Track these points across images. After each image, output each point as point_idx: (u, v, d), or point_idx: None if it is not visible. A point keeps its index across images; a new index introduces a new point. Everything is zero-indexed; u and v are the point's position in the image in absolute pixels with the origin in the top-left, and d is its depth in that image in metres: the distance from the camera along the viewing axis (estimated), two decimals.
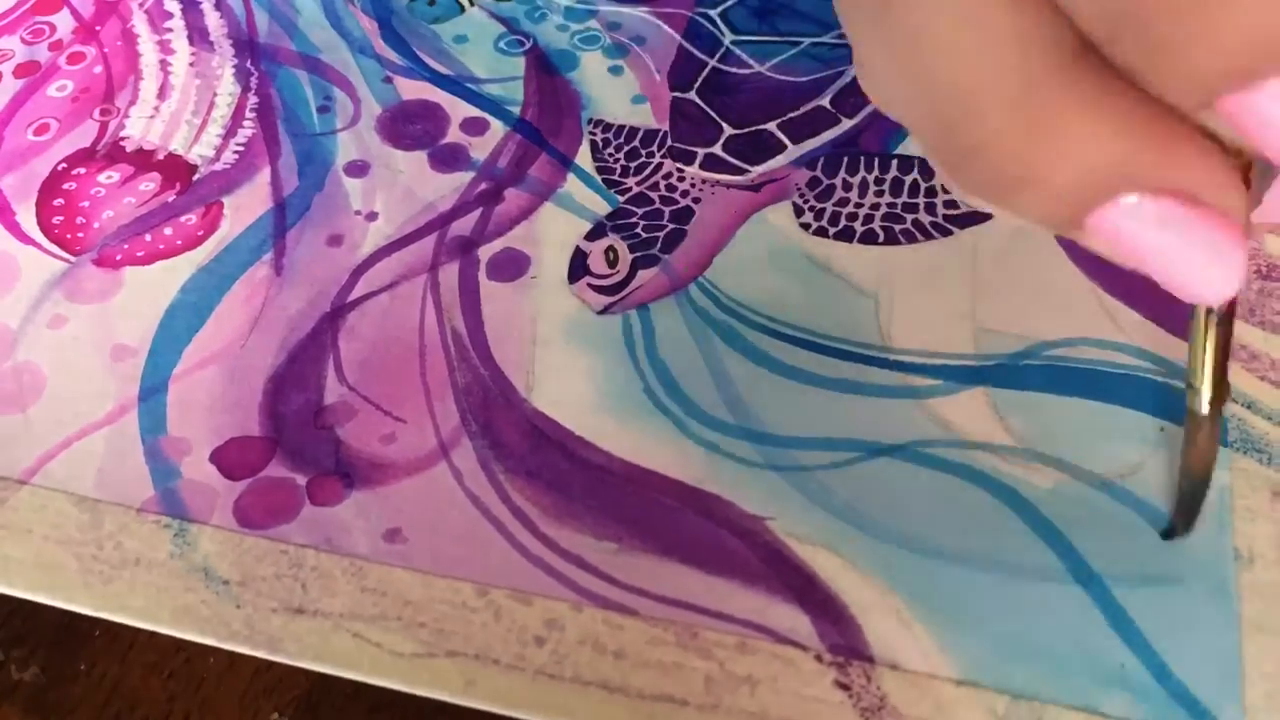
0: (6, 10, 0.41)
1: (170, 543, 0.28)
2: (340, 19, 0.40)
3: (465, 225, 0.34)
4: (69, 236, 0.34)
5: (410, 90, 0.38)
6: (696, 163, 0.35)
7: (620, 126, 0.36)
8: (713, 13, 0.40)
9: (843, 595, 0.26)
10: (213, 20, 0.40)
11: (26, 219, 0.34)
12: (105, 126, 0.37)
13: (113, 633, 0.27)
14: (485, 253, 0.33)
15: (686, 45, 0.39)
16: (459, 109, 0.37)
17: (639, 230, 0.33)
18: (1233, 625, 0.25)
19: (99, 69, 0.39)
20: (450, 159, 0.36)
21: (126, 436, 0.29)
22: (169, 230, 0.34)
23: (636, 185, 0.35)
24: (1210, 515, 0.27)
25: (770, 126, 0.36)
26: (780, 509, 0.28)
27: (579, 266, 0.33)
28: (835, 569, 0.27)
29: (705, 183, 0.35)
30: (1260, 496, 0.27)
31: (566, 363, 0.31)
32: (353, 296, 0.32)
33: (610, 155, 0.36)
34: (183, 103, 0.37)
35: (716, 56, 0.38)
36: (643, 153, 0.35)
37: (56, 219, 0.34)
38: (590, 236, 0.33)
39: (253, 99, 0.38)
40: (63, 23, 0.40)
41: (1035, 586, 0.26)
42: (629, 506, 0.28)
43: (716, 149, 0.36)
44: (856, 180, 0.34)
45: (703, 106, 0.37)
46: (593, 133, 0.36)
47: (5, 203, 0.35)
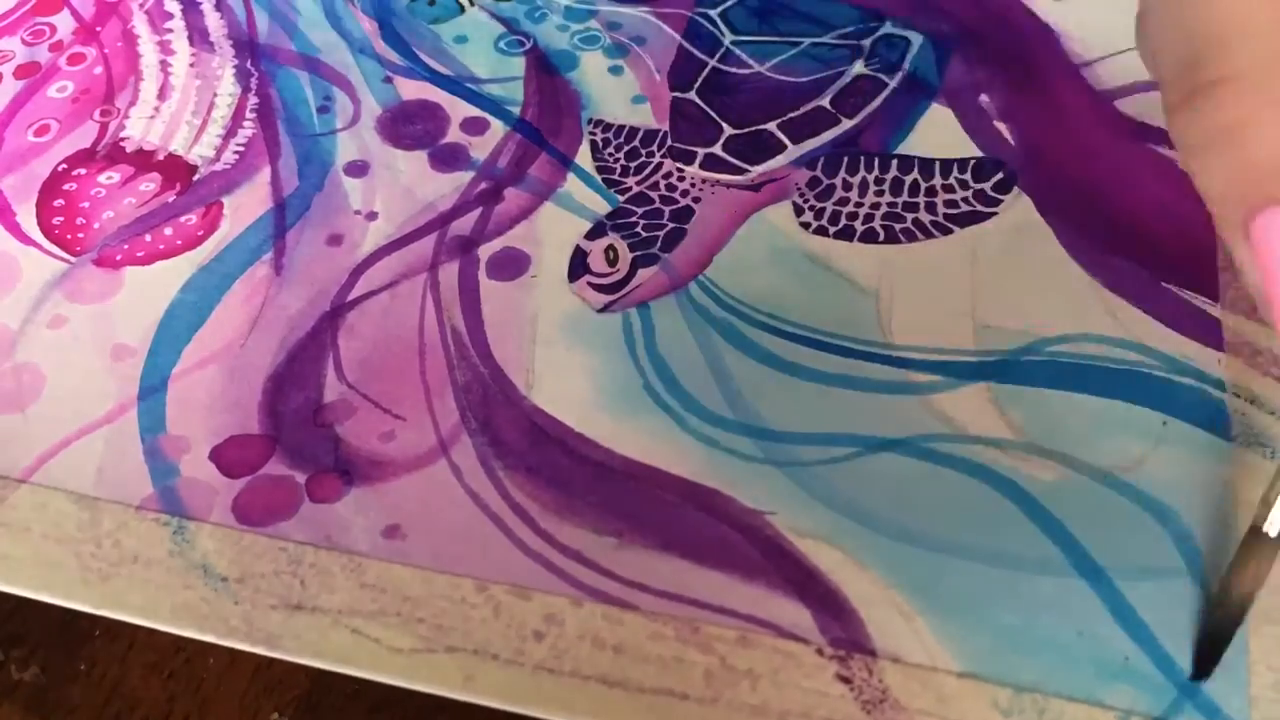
0: (7, 11, 0.41)
1: (169, 540, 0.27)
2: (340, 19, 0.40)
3: (465, 225, 0.34)
4: (69, 237, 0.34)
5: (410, 90, 0.38)
6: (696, 162, 0.35)
7: (620, 126, 0.36)
8: (713, 13, 0.40)
9: (844, 589, 0.26)
10: (213, 21, 0.40)
11: (27, 220, 0.34)
12: (105, 127, 0.37)
13: (113, 632, 0.27)
14: (485, 252, 0.33)
15: (686, 45, 0.39)
16: (459, 109, 0.37)
17: (639, 229, 0.33)
18: None
19: (99, 70, 0.39)
20: (450, 159, 0.36)
21: (126, 435, 0.29)
22: (169, 230, 0.34)
23: (636, 185, 0.35)
24: (1214, 510, 0.27)
25: (770, 126, 0.36)
26: (781, 504, 0.27)
27: (579, 265, 0.33)
28: (836, 563, 0.26)
29: (705, 182, 0.35)
30: (1263, 490, 0.27)
31: (566, 360, 0.31)
32: (353, 296, 0.32)
33: (610, 155, 0.35)
34: (183, 103, 0.37)
35: (716, 56, 0.38)
36: (643, 152, 0.35)
37: (57, 219, 0.34)
38: (590, 236, 0.33)
39: (253, 99, 0.38)
40: (63, 24, 0.40)
41: (1037, 579, 0.26)
42: (629, 502, 0.28)
43: (716, 149, 0.36)
44: (856, 180, 0.34)
45: (703, 106, 0.37)
46: (593, 133, 0.36)
47: (6, 203, 0.35)
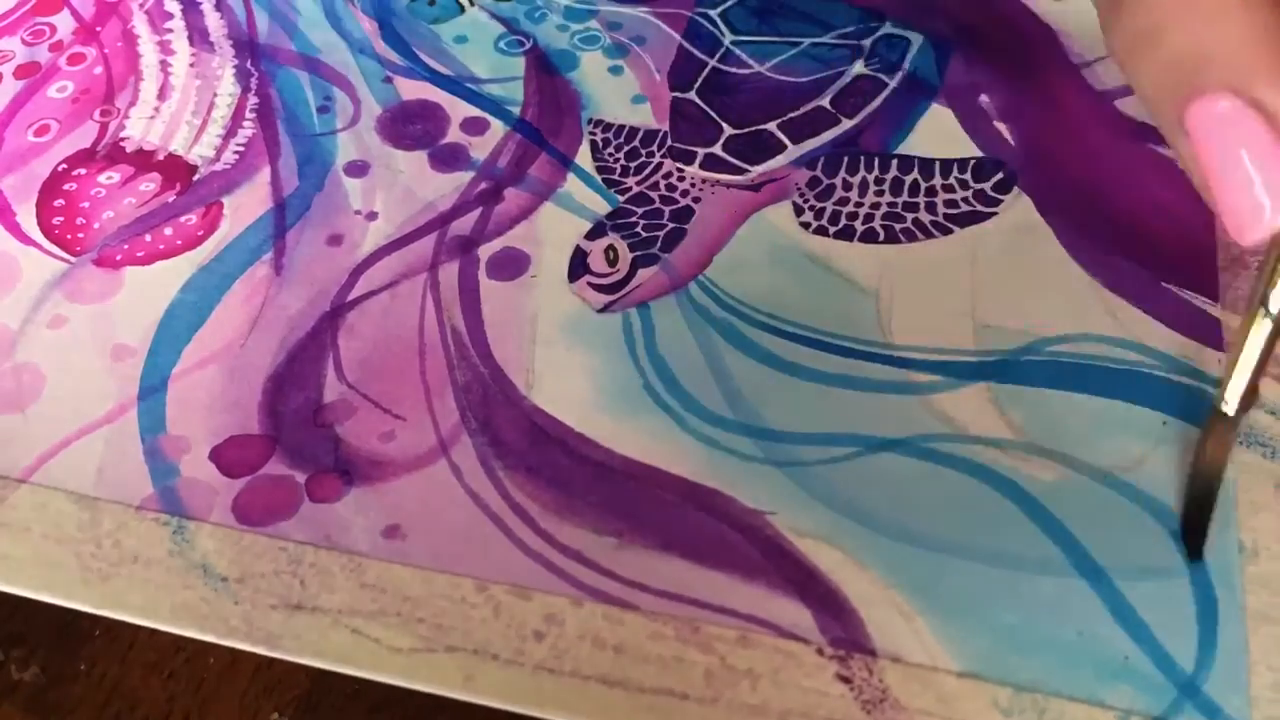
0: (7, 11, 0.41)
1: (169, 540, 0.27)
2: (340, 19, 0.40)
3: (465, 225, 0.34)
4: (69, 237, 0.34)
5: (410, 90, 0.38)
6: (696, 162, 0.35)
7: (620, 126, 0.36)
8: (713, 13, 0.40)
9: (844, 589, 0.26)
10: (213, 21, 0.40)
11: (27, 220, 0.34)
12: (105, 127, 0.37)
13: (113, 632, 0.27)
14: (485, 252, 0.33)
15: (686, 45, 0.39)
16: (459, 109, 0.37)
17: (639, 229, 0.33)
18: (1238, 617, 0.25)
19: (99, 70, 0.39)
20: (450, 159, 0.36)
21: (126, 435, 0.29)
22: (169, 230, 0.34)
23: (636, 185, 0.35)
24: (1215, 508, 0.27)
25: (770, 126, 0.36)
26: (781, 504, 0.27)
27: (579, 265, 0.33)
28: (836, 563, 0.26)
29: (705, 182, 0.35)
30: (1264, 490, 0.27)
31: (566, 360, 0.30)
32: (353, 296, 0.32)
33: (610, 155, 0.35)
34: (183, 103, 0.37)
35: (716, 56, 0.38)
36: (643, 152, 0.35)
37: (57, 220, 0.34)
38: (590, 236, 0.33)
39: (253, 99, 0.38)
40: (63, 24, 0.40)
41: (1037, 579, 0.26)
42: (629, 502, 0.28)
43: (716, 149, 0.35)
44: (856, 180, 0.34)
45: (703, 106, 0.37)
46: (593, 133, 0.36)
47: (6, 203, 0.35)
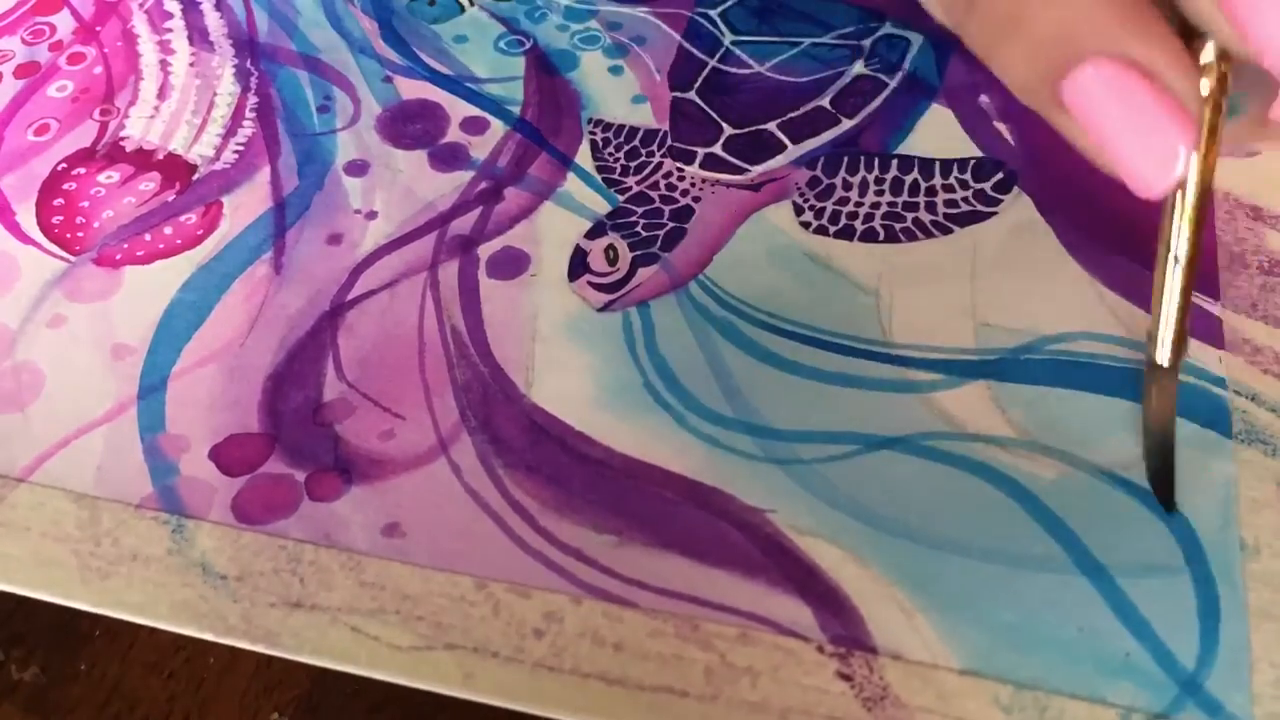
0: (7, 11, 0.41)
1: (168, 539, 0.27)
2: (340, 19, 0.40)
3: (465, 224, 0.34)
4: (69, 236, 0.34)
5: (410, 90, 0.38)
6: (696, 162, 0.35)
7: (620, 126, 0.36)
8: (713, 13, 0.40)
9: (844, 586, 0.26)
10: (213, 20, 0.40)
11: (26, 219, 0.34)
12: (105, 126, 0.37)
13: (113, 632, 0.27)
14: (485, 251, 0.33)
15: (686, 45, 0.39)
16: (459, 108, 0.37)
17: (639, 229, 0.33)
18: (1240, 614, 0.25)
19: (99, 69, 0.39)
20: (450, 158, 0.36)
21: (125, 434, 0.29)
22: (169, 230, 0.34)
23: (636, 184, 0.35)
24: (1215, 506, 0.27)
25: (770, 126, 0.36)
26: (781, 502, 0.27)
27: (579, 264, 0.33)
28: (836, 560, 0.26)
29: (705, 182, 0.35)
30: (1265, 487, 0.27)
31: (566, 359, 0.30)
32: (352, 295, 0.32)
33: (610, 155, 0.35)
34: (183, 103, 0.37)
35: (716, 56, 0.38)
36: (643, 152, 0.35)
37: (56, 219, 0.34)
38: (590, 235, 0.33)
39: (253, 99, 0.38)
40: (63, 23, 0.40)
41: (1038, 576, 0.26)
42: (629, 500, 0.28)
43: (716, 149, 0.35)
44: (856, 180, 0.34)
45: (703, 106, 0.37)
46: (593, 132, 0.36)
47: (5, 203, 0.35)
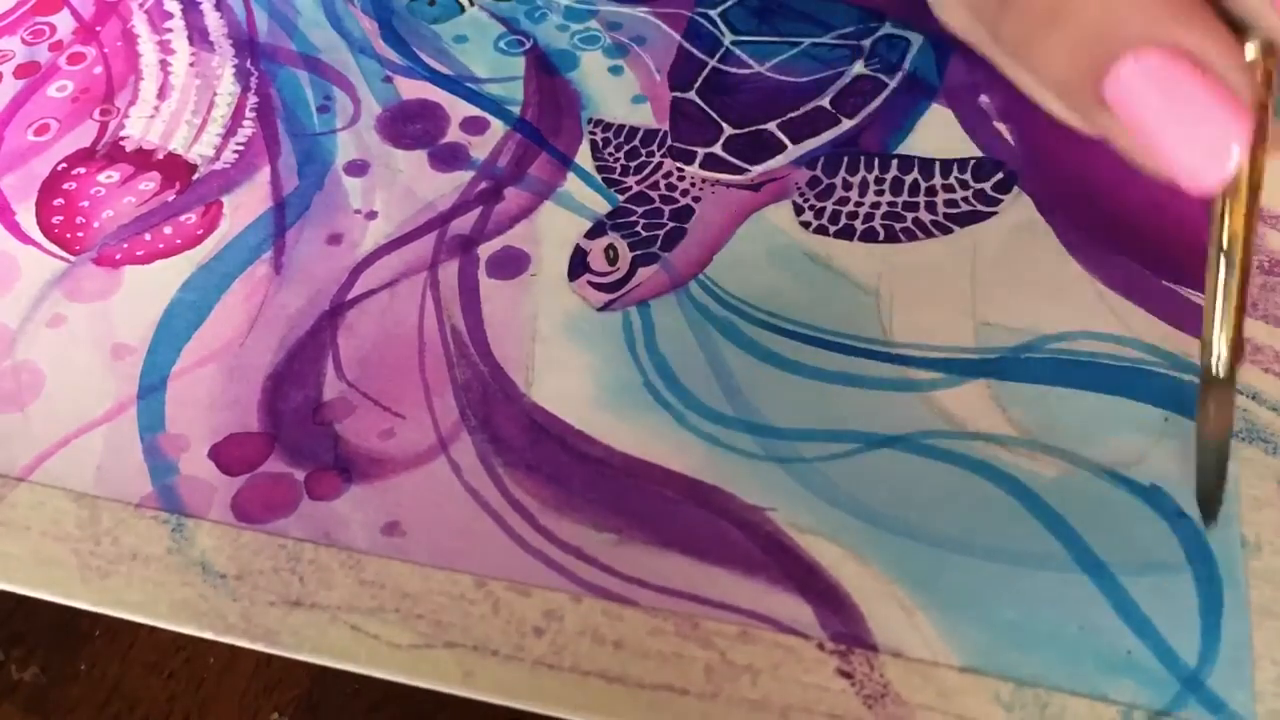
0: (7, 11, 0.41)
1: (168, 538, 0.27)
2: (340, 19, 0.40)
3: (465, 224, 0.34)
4: (69, 236, 0.34)
5: (410, 90, 0.38)
6: (696, 162, 0.35)
7: (620, 126, 0.36)
8: (713, 13, 0.40)
9: (845, 584, 0.26)
10: (213, 20, 0.40)
11: (26, 219, 0.34)
12: (105, 126, 0.37)
13: (113, 632, 0.27)
14: (485, 251, 0.33)
15: (686, 45, 0.39)
16: (459, 108, 0.37)
17: (639, 229, 0.33)
18: (1241, 612, 0.25)
19: (99, 69, 0.39)
20: (450, 158, 0.36)
21: (125, 434, 0.29)
22: (169, 229, 0.34)
23: (636, 184, 0.35)
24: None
25: (770, 126, 0.36)
26: (781, 500, 0.27)
27: (579, 264, 0.33)
28: (837, 558, 0.26)
29: (705, 182, 0.35)
30: (1267, 485, 0.27)
31: (566, 359, 0.30)
32: (352, 295, 0.32)
33: (610, 155, 0.35)
34: (183, 103, 0.37)
35: (716, 56, 0.38)
36: (643, 152, 0.35)
37: (56, 219, 0.34)
38: (590, 235, 0.33)
39: (253, 99, 0.38)
40: (63, 23, 0.40)
41: (1039, 574, 0.26)
42: (629, 499, 0.28)
43: (716, 149, 0.35)
44: (856, 180, 0.34)
45: (703, 106, 0.37)
46: (593, 132, 0.36)
47: (5, 203, 0.35)
